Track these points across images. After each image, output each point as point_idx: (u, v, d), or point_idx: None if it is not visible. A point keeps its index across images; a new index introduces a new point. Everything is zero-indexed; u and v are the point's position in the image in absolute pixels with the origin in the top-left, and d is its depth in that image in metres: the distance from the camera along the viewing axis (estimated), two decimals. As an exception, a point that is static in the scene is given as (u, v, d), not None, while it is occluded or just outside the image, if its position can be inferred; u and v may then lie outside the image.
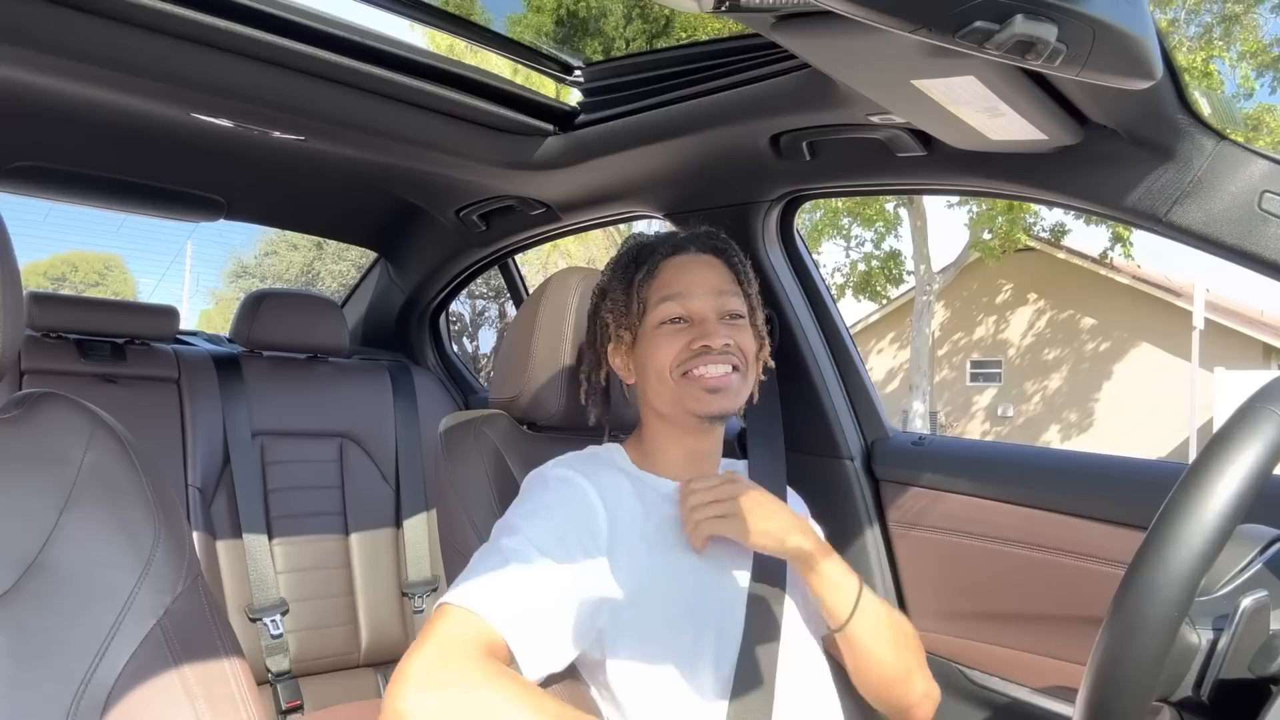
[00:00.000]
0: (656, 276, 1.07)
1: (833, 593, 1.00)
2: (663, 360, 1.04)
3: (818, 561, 1.00)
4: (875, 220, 13.52)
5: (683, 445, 1.09)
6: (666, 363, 1.04)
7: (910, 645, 1.06)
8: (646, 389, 1.08)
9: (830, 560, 1.01)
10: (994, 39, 0.60)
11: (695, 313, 1.05)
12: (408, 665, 0.76)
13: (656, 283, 1.07)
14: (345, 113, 1.42)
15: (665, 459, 1.09)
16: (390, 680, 0.76)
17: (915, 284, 13.45)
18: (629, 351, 1.09)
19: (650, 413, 1.10)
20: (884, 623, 1.03)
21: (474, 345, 12.02)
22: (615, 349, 1.11)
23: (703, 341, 1.03)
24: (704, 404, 1.03)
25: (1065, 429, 14.84)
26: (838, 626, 1.01)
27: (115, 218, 27.45)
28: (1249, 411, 0.59)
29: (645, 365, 1.06)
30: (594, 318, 1.14)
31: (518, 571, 0.87)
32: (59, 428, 0.80)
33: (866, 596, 1.02)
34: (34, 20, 1.12)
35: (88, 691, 0.73)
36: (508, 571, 0.86)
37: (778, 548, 1.00)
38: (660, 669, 0.95)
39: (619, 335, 1.09)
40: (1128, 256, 12.40)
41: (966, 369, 16.07)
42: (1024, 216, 12.53)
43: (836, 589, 1.00)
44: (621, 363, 1.11)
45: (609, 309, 1.11)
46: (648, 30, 7.68)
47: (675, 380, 1.03)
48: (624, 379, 1.12)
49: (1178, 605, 0.56)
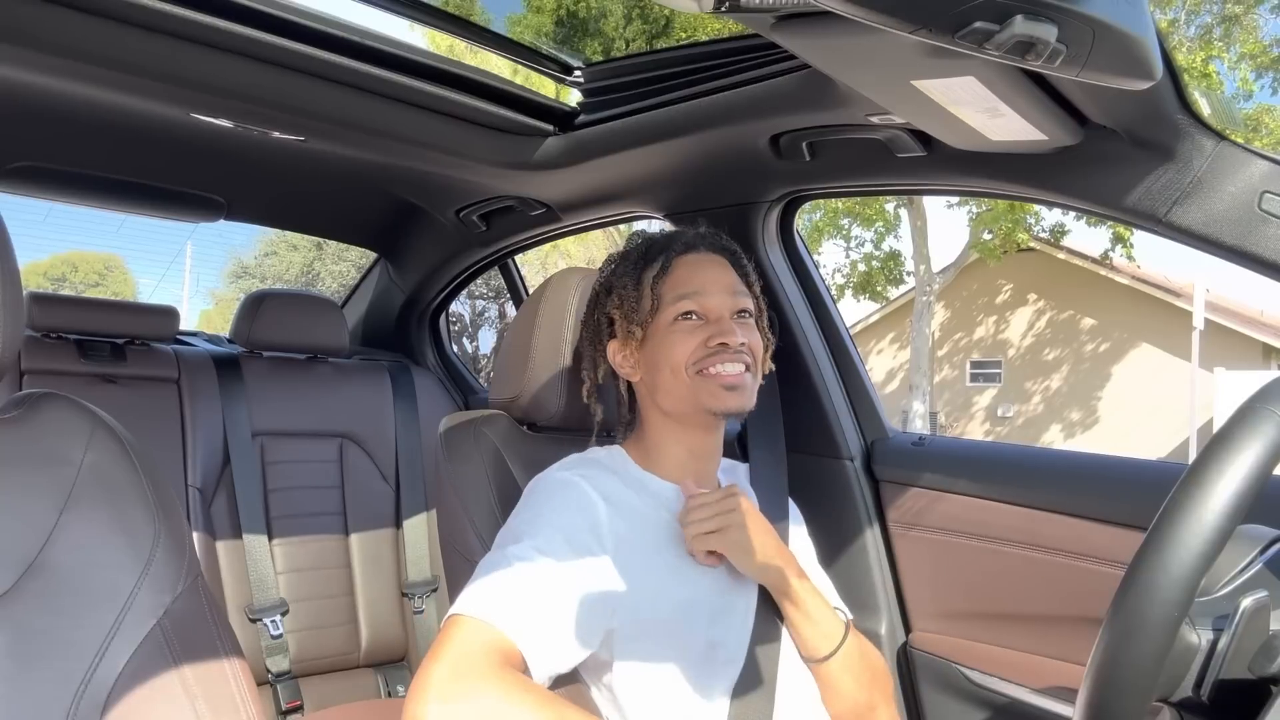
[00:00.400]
0: (671, 273, 1.07)
1: (811, 628, 1.01)
2: (679, 357, 1.03)
3: (797, 596, 1.01)
4: (875, 220, 13.53)
5: (685, 444, 1.09)
6: (682, 359, 1.03)
7: (879, 681, 1.06)
8: (656, 386, 1.07)
9: (812, 597, 1.02)
10: (994, 39, 0.60)
11: (711, 310, 1.05)
12: (426, 677, 0.76)
13: (671, 280, 1.06)
14: (345, 113, 1.42)
15: (667, 459, 1.09)
16: (409, 694, 0.76)
17: (915, 284, 13.47)
18: (637, 348, 1.08)
19: (655, 411, 1.09)
20: (857, 661, 1.03)
21: (474, 346, 12.02)
22: (621, 345, 1.10)
23: (720, 339, 1.03)
24: (721, 400, 1.03)
25: (1067, 428, 14.87)
26: (813, 660, 1.02)
27: (115, 218, 27.48)
28: (1249, 412, 0.59)
29: (657, 362, 1.05)
30: (594, 313, 1.13)
31: (526, 578, 0.87)
32: (59, 428, 0.80)
33: (849, 638, 1.03)
34: (34, 20, 1.12)
35: (88, 691, 0.73)
36: (517, 578, 0.86)
37: (757, 576, 1.02)
38: (666, 670, 0.95)
39: (629, 331, 1.07)
40: (1129, 258, 12.40)
41: (966, 369, 16.09)
42: (1024, 217, 12.53)
43: (815, 625, 1.01)
44: (625, 359, 1.10)
45: (615, 305, 1.09)
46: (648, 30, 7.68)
47: (690, 377, 1.03)
48: (625, 376, 1.11)
49: (1178, 605, 0.56)
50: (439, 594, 2.10)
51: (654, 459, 1.09)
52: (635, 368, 1.09)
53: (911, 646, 1.49)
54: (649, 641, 0.96)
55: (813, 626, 1.01)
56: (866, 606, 1.52)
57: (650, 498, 1.04)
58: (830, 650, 1.01)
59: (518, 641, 0.82)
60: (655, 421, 1.10)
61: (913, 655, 1.49)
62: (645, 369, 1.08)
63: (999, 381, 15.72)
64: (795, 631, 1.02)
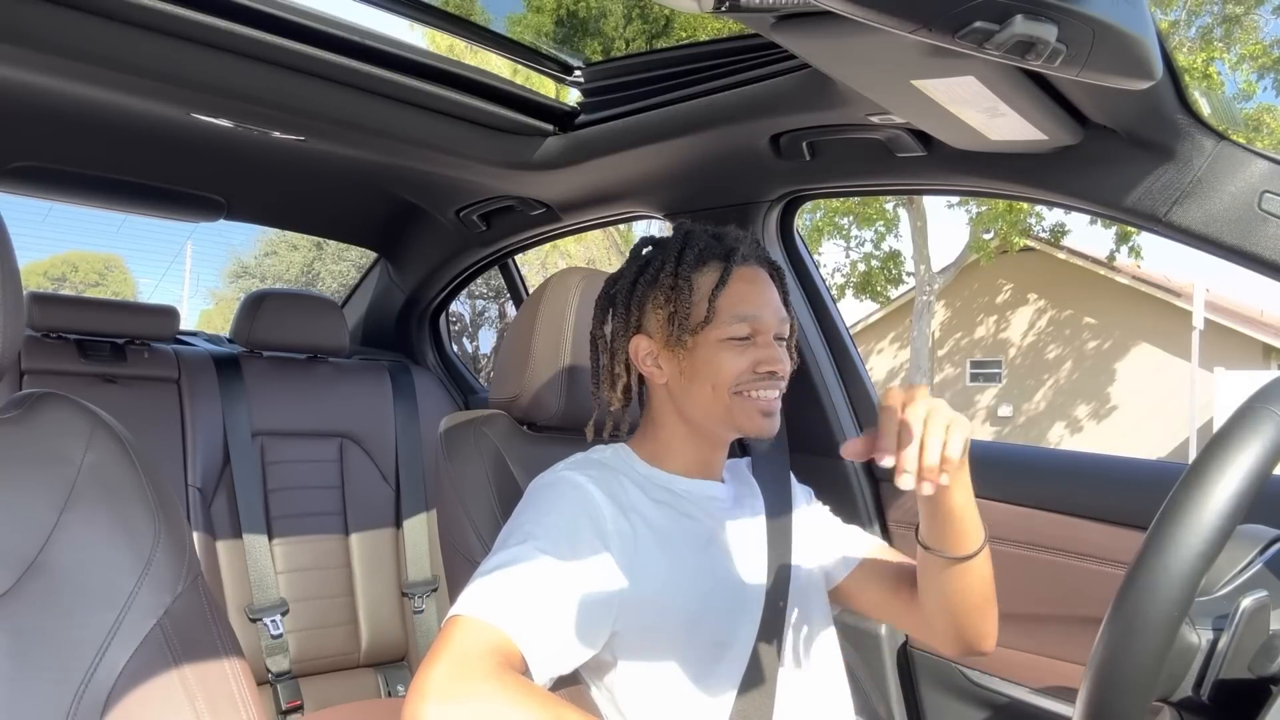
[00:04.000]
0: (728, 287, 1.01)
1: (972, 521, 0.93)
2: (726, 377, 1.00)
3: (968, 488, 0.93)
4: (875, 220, 13.53)
5: (700, 451, 1.07)
6: (728, 381, 1.00)
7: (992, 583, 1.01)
8: (688, 396, 1.03)
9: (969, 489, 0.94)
10: (994, 39, 0.60)
11: (761, 334, 1.02)
12: (426, 678, 0.75)
13: (729, 295, 1.01)
14: (345, 113, 1.42)
15: (677, 457, 1.07)
16: (408, 694, 0.75)
17: (915, 284, 13.47)
18: (683, 355, 1.02)
19: (673, 415, 1.06)
20: (984, 560, 0.97)
21: (474, 345, 12.03)
22: (657, 346, 1.04)
23: (769, 367, 1.00)
24: (756, 425, 1.01)
25: (1070, 426, 14.86)
26: (963, 555, 0.94)
27: (115, 218, 27.46)
28: (1249, 411, 0.59)
29: (699, 375, 1.01)
30: (625, 302, 1.06)
31: (528, 578, 0.86)
32: (59, 428, 0.80)
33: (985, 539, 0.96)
34: (34, 20, 1.12)
35: (87, 692, 0.73)
36: (518, 579, 0.86)
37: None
38: (669, 671, 0.95)
39: (675, 337, 1.01)
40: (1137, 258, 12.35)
41: (967, 369, 16.12)
42: (1024, 218, 12.53)
43: (975, 518, 0.93)
44: (654, 360, 1.04)
45: (659, 303, 1.03)
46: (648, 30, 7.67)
47: (729, 397, 1.00)
48: (649, 376, 1.06)
49: (1178, 605, 0.56)
50: (439, 594, 2.10)
51: (664, 458, 1.07)
52: (663, 370, 1.04)
53: (911, 646, 1.49)
54: (653, 643, 0.95)
55: (973, 518, 0.93)
56: (866, 606, 1.52)
57: (657, 496, 1.03)
58: (978, 548, 0.94)
59: (518, 642, 0.81)
60: (672, 425, 1.07)
61: (912, 655, 1.49)
62: (679, 376, 1.03)
63: (999, 381, 15.72)
64: (954, 528, 0.93)
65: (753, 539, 1.06)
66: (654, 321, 1.04)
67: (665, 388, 1.05)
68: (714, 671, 0.96)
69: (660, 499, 1.03)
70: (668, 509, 1.02)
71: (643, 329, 1.05)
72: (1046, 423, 15.08)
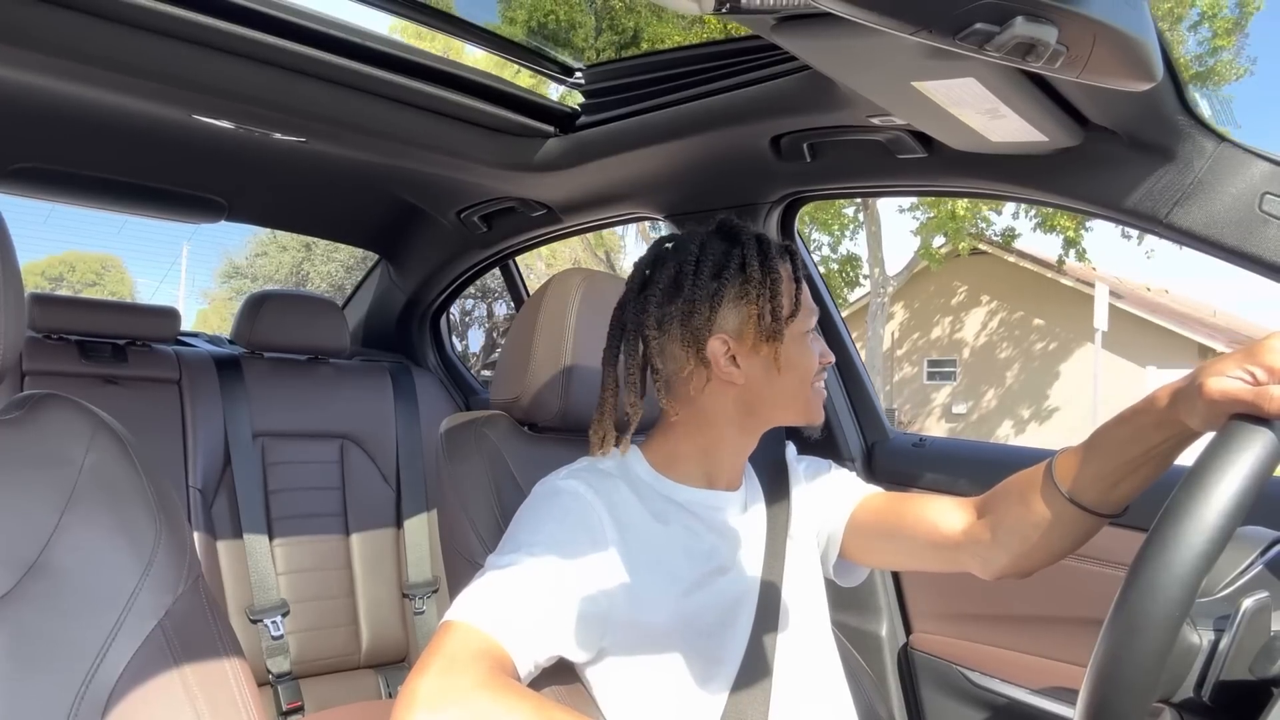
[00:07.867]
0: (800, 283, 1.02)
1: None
2: (810, 367, 1.00)
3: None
4: (832, 225, 13.84)
5: (737, 450, 1.05)
6: (811, 371, 1.01)
7: None
8: (775, 391, 0.99)
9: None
10: (994, 41, 0.60)
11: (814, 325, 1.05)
12: (416, 684, 0.75)
13: (800, 290, 1.01)
14: (346, 114, 1.42)
15: (689, 470, 1.04)
16: (397, 700, 0.75)
17: (870, 287, 13.80)
18: (776, 348, 0.96)
19: (724, 419, 1.01)
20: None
21: (464, 344, 12.04)
22: (743, 342, 0.97)
23: (829, 358, 1.03)
24: (820, 415, 1.04)
25: (1017, 425, 15.40)
26: (1116, 514, 0.90)
27: (116, 220, 27.50)
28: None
29: (791, 367, 0.98)
30: (710, 301, 0.97)
31: (521, 586, 0.86)
32: (60, 429, 0.80)
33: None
34: (35, 22, 1.12)
35: (88, 693, 0.73)
36: (511, 586, 0.86)
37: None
38: (661, 681, 0.95)
39: (771, 331, 0.96)
40: (1083, 261, 12.59)
41: (924, 367, 16.65)
42: (967, 225, 12.83)
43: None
44: (736, 359, 0.97)
45: (752, 298, 0.96)
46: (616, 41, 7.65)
47: (810, 390, 1.02)
48: (725, 377, 0.98)
49: (1179, 606, 0.56)
50: (440, 595, 2.10)
51: (676, 467, 1.04)
52: (741, 370, 0.97)
53: (912, 648, 1.49)
54: (645, 654, 0.95)
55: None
56: (867, 608, 1.52)
57: (661, 506, 1.01)
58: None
59: (510, 649, 0.81)
60: (720, 427, 1.02)
61: (913, 656, 1.49)
62: (764, 372, 0.98)
63: (954, 379, 16.27)
64: (1143, 483, 0.87)
65: (753, 547, 1.05)
66: (737, 318, 0.97)
67: (736, 389, 0.99)
68: (706, 684, 0.96)
69: (662, 510, 1.01)
70: (668, 520, 1.00)
71: (721, 328, 0.97)
72: (998, 419, 15.65)
